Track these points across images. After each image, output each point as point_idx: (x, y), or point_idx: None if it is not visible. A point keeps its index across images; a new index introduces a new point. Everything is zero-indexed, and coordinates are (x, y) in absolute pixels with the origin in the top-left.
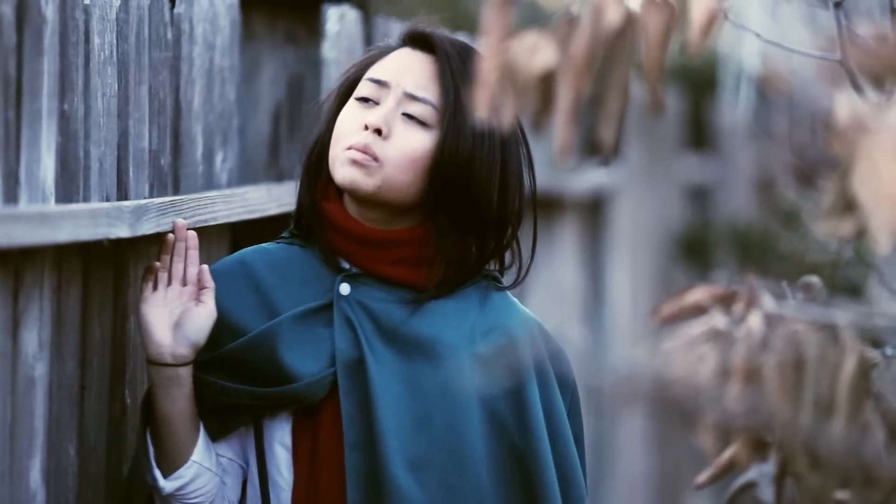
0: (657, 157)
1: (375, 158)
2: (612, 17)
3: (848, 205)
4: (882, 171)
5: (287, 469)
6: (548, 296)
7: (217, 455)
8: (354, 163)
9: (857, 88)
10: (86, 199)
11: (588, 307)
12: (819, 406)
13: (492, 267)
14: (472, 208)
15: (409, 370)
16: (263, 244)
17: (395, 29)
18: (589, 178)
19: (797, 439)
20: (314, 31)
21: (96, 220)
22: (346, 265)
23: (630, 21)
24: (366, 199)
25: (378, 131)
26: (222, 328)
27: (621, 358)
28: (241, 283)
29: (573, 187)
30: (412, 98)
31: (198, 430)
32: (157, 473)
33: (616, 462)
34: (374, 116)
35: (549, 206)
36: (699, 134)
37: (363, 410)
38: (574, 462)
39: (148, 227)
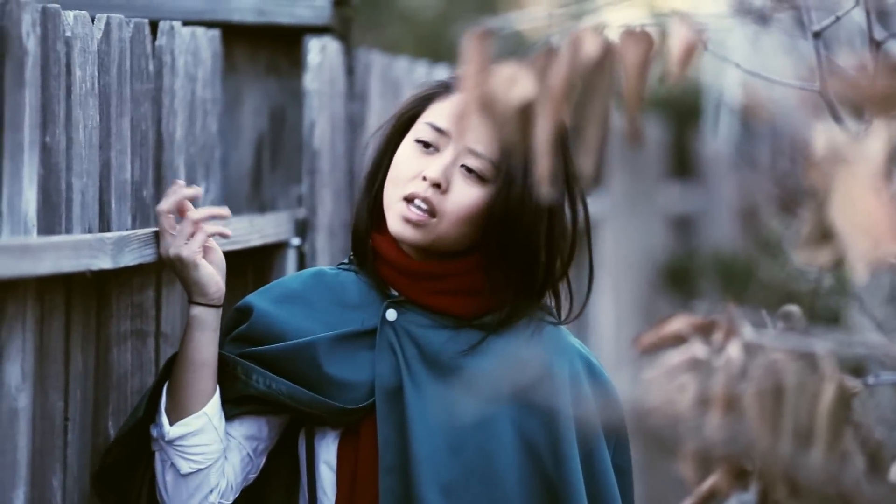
0: (640, 187)
1: (433, 213)
2: (591, 48)
3: (825, 234)
4: (858, 201)
5: (331, 488)
6: None
7: (227, 432)
8: (409, 221)
9: (837, 118)
10: (68, 231)
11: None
12: (798, 434)
13: (549, 303)
14: (522, 249)
15: (446, 396)
16: (323, 267)
17: (377, 60)
18: None
19: (777, 468)
20: (296, 62)
21: (78, 251)
22: (395, 293)
23: (608, 52)
24: (420, 249)
25: (437, 185)
26: (271, 333)
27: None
28: (297, 301)
29: None
30: (472, 153)
31: (215, 386)
32: (164, 419)
33: None
34: (433, 170)
35: None
36: (683, 163)
37: (399, 434)
38: (612, 497)
39: (130, 259)
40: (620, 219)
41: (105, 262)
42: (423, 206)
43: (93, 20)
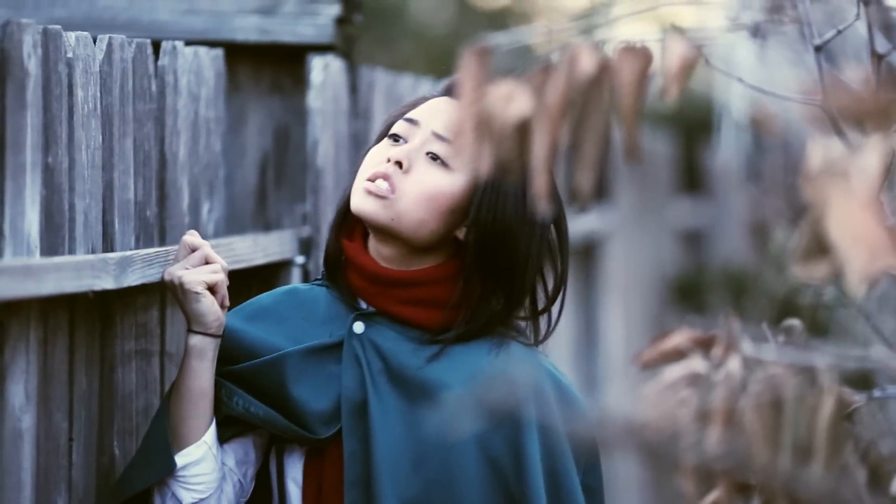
0: (648, 202)
1: (392, 190)
2: (587, 65)
3: (823, 248)
4: (854, 214)
5: None
6: None
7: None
8: (370, 193)
9: (839, 132)
10: (71, 252)
11: (581, 351)
12: (798, 448)
13: (522, 324)
14: (504, 263)
15: (410, 411)
16: (296, 284)
17: (380, 78)
18: (580, 224)
19: (777, 482)
20: (300, 81)
21: (80, 272)
22: (364, 305)
23: (605, 68)
24: (379, 231)
25: (399, 164)
26: (241, 350)
27: (614, 401)
28: (269, 317)
29: None
30: (438, 137)
31: (212, 414)
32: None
33: None
34: (396, 150)
35: None
36: (692, 178)
37: (364, 449)
38: None
39: (133, 279)
40: (628, 233)
41: (108, 283)
42: (384, 183)
43: (95, 41)
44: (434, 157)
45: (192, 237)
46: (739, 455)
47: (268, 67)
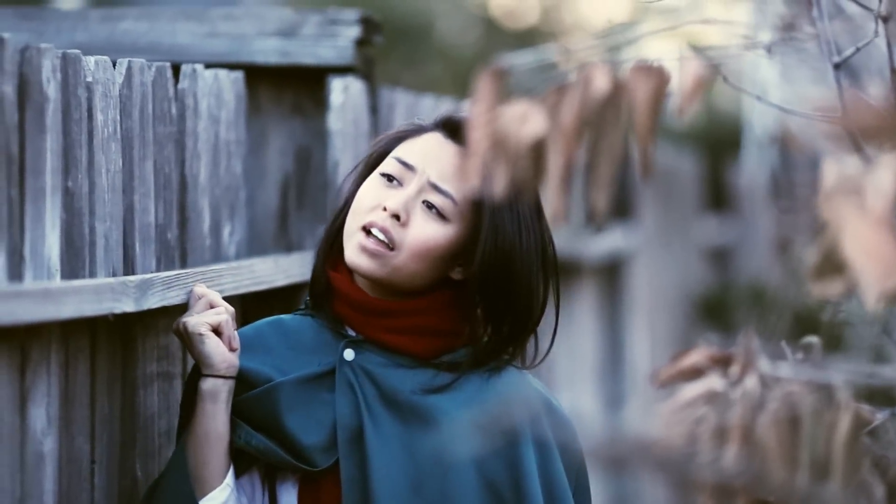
0: (674, 220)
1: (391, 245)
2: (601, 84)
3: (838, 265)
4: (869, 231)
5: None
6: (567, 361)
7: None
8: (365, 250)
9: (859, 148)
10: (92, 275)
11: (607, 371)
12: (816, 465)
13: (510, 354)
14: (510, 293)
15: (406, 435)
16: (280, 315)
17: (401, 99)
18: (605, 243)
19: (795, 499)
20: (320, 102)
21: (100, 295)
22: (352, 333)
23: (620, 88)
24: (373, 281)
25: (397, 216)
26: (237, 383)
27: (637, 420)
28: (256, 348)
29: (590, 252)
30: (435, 189)
31: (231, 454)
32: (196, 496)
33: None
34: (394, 201)
35: (566, 272)
36: (719, 195)
37: (361, 474)
38: None
39: (154, 301)
40: (654, 252)
41: (128, 305)
42: (381, 235)
43: (114, 65)
44: (430, 206)
45: (199, 288)
46: (757, 472)
47: (289, 89)
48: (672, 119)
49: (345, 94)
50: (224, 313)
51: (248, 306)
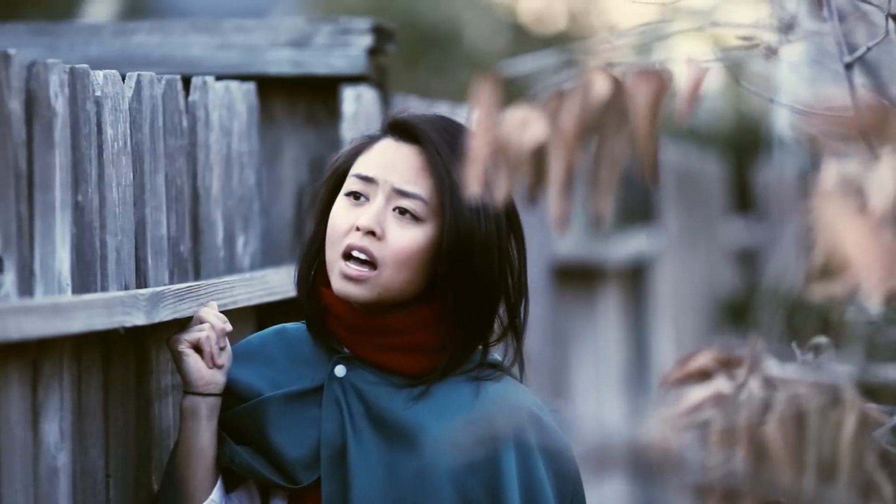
0: (698, 222)
1: (374, 264)
2: (601, 89)
3: (840, 265)
4: (869, 230)
5: None
6: (591, 365)
7: None
8: (350, 278)
9: (871, 148)
10: (104, 289)
11: (632, 374)
12: (823, 466)
13: (496, 354)
14: (473, 292)
15: (389, 455)
16: (286, 324)
17: (414, 107)
18: (629, 246)
19: (802, 500)
20: (333, 112)
21: (111, 309)
22: (345, 349)
23: (620, 92)
24: (368, 305)
25: (372, 232)
26: (227, 394)
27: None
28: (258, 358)
29: (613, 256)
30: (401, 193)
31: (217, 470)
32: None
33: None
34: (365, 218)
35: (590, 276)
36: (745, 197)
37: (341, 493)
38: None
39: (165, 314)
40: (679, 255)
41: (139, 319)
42: (362, 255)
43: (123, 78)
44: (402, 212)
45: (203, 308)
46: (764, 474)
47: (302, 99)
48: (698, 121)
49: (357, 103)
50: (206, 330)
51: (265, 316)
